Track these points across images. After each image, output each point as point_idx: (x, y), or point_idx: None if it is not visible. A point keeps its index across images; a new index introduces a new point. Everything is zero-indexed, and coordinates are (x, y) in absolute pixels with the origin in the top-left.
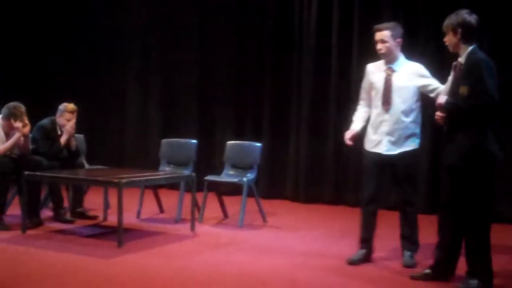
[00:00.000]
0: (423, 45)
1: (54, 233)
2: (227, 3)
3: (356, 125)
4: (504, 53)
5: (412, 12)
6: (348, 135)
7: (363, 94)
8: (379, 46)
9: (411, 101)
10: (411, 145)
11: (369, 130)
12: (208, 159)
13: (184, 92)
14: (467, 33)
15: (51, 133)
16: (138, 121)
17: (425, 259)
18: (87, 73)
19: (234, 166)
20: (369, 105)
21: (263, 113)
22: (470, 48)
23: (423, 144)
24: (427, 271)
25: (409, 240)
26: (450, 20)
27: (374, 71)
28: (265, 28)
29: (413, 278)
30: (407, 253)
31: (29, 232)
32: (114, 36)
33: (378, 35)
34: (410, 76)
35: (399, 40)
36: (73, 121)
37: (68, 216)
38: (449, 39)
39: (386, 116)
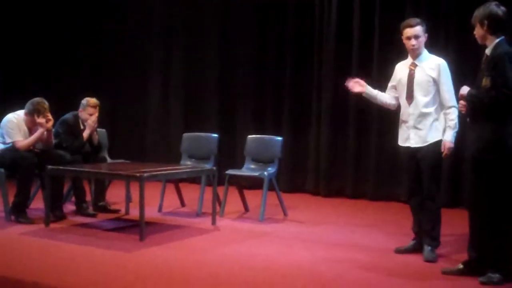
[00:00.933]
0: (444, 44)
1: (77, 227)
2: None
3: (375, 91)
4: None
5: (434, 10)
6: (361, 82)
7: (389, 86)
8: (413, 41)
9: (433, 94)
10: (436, 136)
11: (400, 126)
12: (229, 153)
13: (205, 87)
14: (494, 25)
15: (74, 128)
16: (159, 115)
17: (451, 253)
18: (109, 68)
19: (255, 160)
20: (393, 97)
21: (283, 107)
22: (497, 40)
23: None
24: (461, 266)
25: (430, 235)
26: (478, 12)
27: (401, 69)
28: (286, 22)
29: (445, 273)
30: (427, 248)
31: (53, 225)
32: (136, 32)
33: (411, 31)
34: (431, 70)
35: (426, 35)
36: (96, 115)
37: (90, 210)
38: (477, 31)
39: (410, 110)
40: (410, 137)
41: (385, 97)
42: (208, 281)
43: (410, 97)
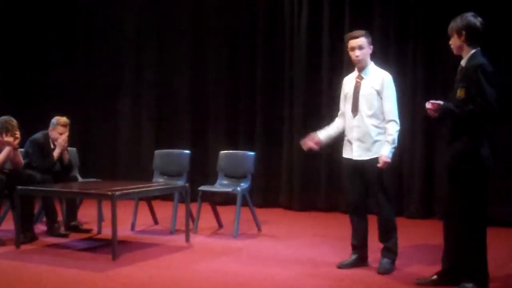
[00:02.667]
0: (414, 47)
1: (49, 248)
2: (219, 15)
3: (321, 133)
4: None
5: (403, 12)
6: (310, 137)
7: (341, 105)
8: (357, 52)
9: (377, 107)
10: (379, 150)
11: (345, 138)
12: (202, 169)
13: (176, 103)
14: (471, 36)
15: (44, 147)
16: (130, 133)
17: (427, 264)
18: (79, 86)
19: (228, 176)
20: (341, 120)
21: (255, 122)
22: (473, 51)
23: (416, 148)
24: (434, 277)
25: (385, 247)
26: (455, 23)
27: (348, 82)
28: (257, 37)
29: (420, 284)
30: (384, 260)
31: (24, 247)
32: (106, 49)
33: (355, 42)
34: (376, 84)
35: (371, 47)
36: (66, 134)
37: (62, 230)
38: (454, 42)
39: (355, 122)
40: (353, 149)
41: (335, 129)
42: None
43: (355, 109)
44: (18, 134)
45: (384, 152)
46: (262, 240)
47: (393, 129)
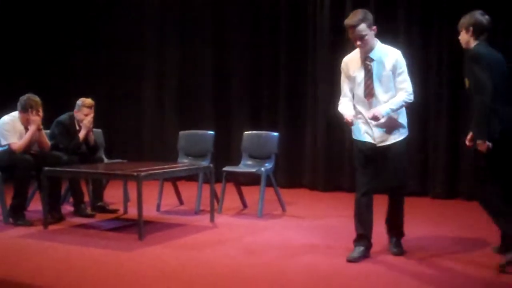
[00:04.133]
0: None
1: (76, 228)
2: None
3: (349, 111)
4: None
5: (428, 10)
6: (349, 117)
7: (345, 88)
8: (359, 42)
9: (393, 90)
10: (397, 135)
11: (358, 121)
12: (226, 150)
13: (200, 84)
14: (477, 32)
15: (69, 129)
16: (155, 114)
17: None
18: (104, 68)
19: (252, 156)
20: (352, 99)
21: (279, 103)
22: (475, 43)
23: (441, 130)
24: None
25: (398, 228)
26: (465, 19)
27: (353, 63)
28: (280, 18)
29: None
30: (394, 239)
31: (51, 227)
32: (130, 31)
33: (354, 32)
34: (389, 64)
35: (374, 27)
36: (91, 115)
37: (88, 210)
38: (462, 36)
39: (372, 106)
40: (375, 135)
41: (351, 107)
42: (208, 279)
43: (370, 94)
44: (41, 112)
45: (381, 108)
46: (287, 220)
47: (401, 97)
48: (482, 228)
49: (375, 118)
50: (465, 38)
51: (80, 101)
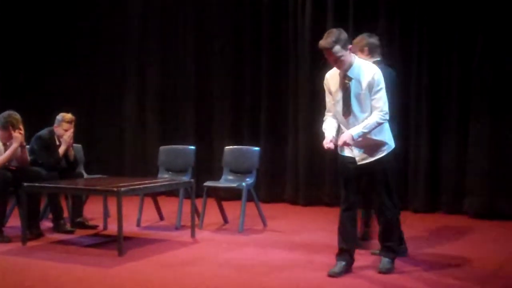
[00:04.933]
0: (419, 46)
1: (55, 244)
2: (224, 10)
3: (330, 133)
4: None
5: (407, 13)
6: (327, 139)
7: (328, 103)
8: (333, 63)
9: (370, 106)
10: (379, 152)
11: (341, 134)
12: (207, 164)
13: (181, 99)
14: (372, 51)
15: (49, 144)
16: (135, 129)
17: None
18: (84, 83)
19: (233, 171)
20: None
21: (260, 117)
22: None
23: (421, 143)
24: None
25: (387, 247)
26: (357, 41)
27: (333, 80)
28: (261, 33)
29: None
30: (385, 260)
31: (30, 243)
32: (110, 45)
33: (329, 53)
34: (365, 82)
35: (350, 46)
36: (71, 131)
37: (68, 226)
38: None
39: (350, 124)
40: (355, 153)
41: (335, 124)
42: None
43: (347, 112)
44: (22, 129)
45: (352, 131)
46: (268, 235)
47: (374, 118)
48: (463, 241)
49: (345, 144)
50: (362, 57)
51: (60, 116)
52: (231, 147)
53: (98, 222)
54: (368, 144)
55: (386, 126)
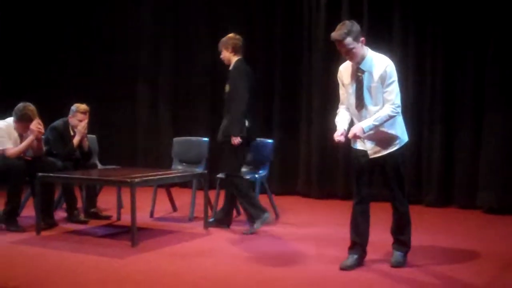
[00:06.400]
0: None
1: (69, 234)
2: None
3: (342, 126)
4: None
5: (422, 12)
6: (338, 132)
7: (341, 96)
8: (345, 55)
9: (382, 99)
10: (392, 146)
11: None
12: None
13: (195, 90)
14: (236, 50)
15: (64, 134)
16: (149, 120)
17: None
18: (98, 73)
19: (246, 163)
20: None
21: (273, 110)
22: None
23: (434, 137)
24: None
25: (399, 240)
26: (223, 40)
27: (346, 73)
28: (274, 26)
29: None
30: (397, 253)
31: (44, 233)
32: (124, 36)
33: (341, 45)
34: (378, 75)
35: (362, 39)
36: (85, 121)
37: (82, 216)
38: (224, 54)
39: (362, 117)
40: (367, 146)
41: (347, 120)
42: (201, 286)
43: (360, 105)
44: (41, 123)
45: (363, 124)
46: (280, 227)
47: (386, 111)
48: (475, 236)
49: (355, 136)
50: (227, 55)
51: (74, 107)
52: None
53: (111, 212)
54: (380, 137)
55: (399, 119)
